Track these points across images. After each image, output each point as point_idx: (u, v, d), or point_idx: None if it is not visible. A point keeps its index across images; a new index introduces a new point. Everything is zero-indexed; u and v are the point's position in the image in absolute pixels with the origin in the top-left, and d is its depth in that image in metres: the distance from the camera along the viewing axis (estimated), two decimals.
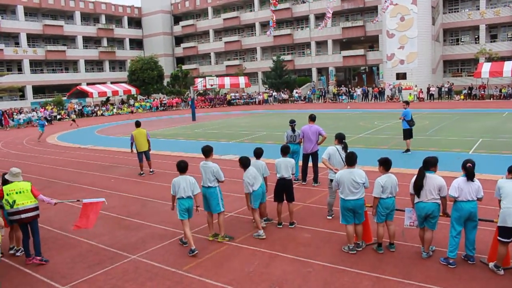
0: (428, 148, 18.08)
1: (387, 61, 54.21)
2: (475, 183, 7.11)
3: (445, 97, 51.18)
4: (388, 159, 7.74)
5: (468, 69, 58.58)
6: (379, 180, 7.60)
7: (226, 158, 17.52)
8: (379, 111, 39.43)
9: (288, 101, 59.30)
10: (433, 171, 7.38)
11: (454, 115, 33.24)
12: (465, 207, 7.11)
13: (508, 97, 47.40)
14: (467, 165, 7.12)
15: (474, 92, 49.58)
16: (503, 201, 6.81)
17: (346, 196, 7.72)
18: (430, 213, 7.32)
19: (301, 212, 10.24)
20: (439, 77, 56.37)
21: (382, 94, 53.81)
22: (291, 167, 9.20)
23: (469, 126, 25.42)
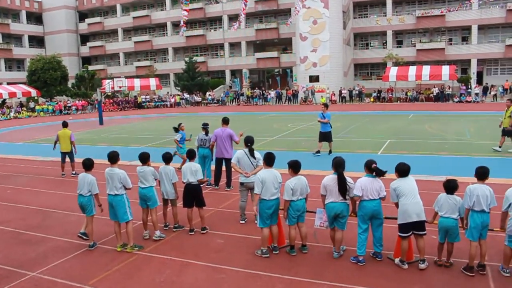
0: (341, 149, 18.97)
1: (300, 64, 56.03)
2: (378, 182, 7.58)
3: (356, 100, 53.96)
4: (296, 162, 8.00)
5: (377, 72, 62.25)
6: (289, 183, 7.82)
7: (135, 164, 17.10)
8: (292, 113, 40.63)
9: (201, 103, 59.17)
10: (341, 172, 7.74)
11: (365, 117, 35.15)
12: (368, 205, 7.53)
13: (413, 100, 51.08)
14: (372, 166, 7.56)
15: (382, 95, 52.79)
16: (400, 199, 7.33)
17: (270, 196, 7.88)
18: (339, 213, 7.67)
19: (214, 218, 10.26)
20: (350, 80, 59.31)
21: (295, 97, 55.51)
22: (196, 172, 9.22)
23: (378, 128, 27.00)
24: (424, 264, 7.33)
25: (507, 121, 17.74)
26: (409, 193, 7.29)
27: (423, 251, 7.38)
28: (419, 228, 7.35)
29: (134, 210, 8.99)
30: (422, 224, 7.36)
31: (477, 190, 7.06)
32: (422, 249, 7.36)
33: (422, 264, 7.33)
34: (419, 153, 17.93)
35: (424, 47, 56.64)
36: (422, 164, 15.55)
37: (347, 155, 16.89)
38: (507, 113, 17.78)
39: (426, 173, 13.76)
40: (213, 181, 13.15)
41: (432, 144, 20.22)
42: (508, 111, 17.76)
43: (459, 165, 15.24)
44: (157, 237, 9.04)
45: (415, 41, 59.44)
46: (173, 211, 9.60)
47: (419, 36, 59.94)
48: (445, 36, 58.76)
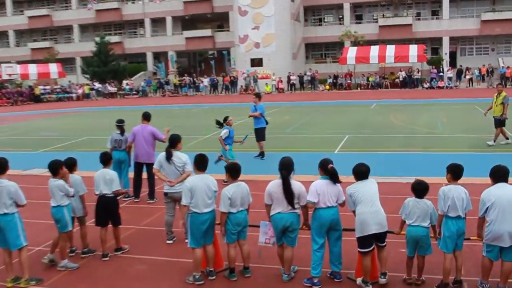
0: (289, 148, 19.20)
1: (239, 44, 56.27)
2: (336, 186, 7.71)
3: (308, 87, 54.95)
4: (235, 165, 7.99)
5: (333, 54, 63.60)
6: (226, 192, 7.81)
7: (31, 173, 16.60)
8: (231, 105, 40.71)
9: (116, 95, 58.21)
10: (285, 175, 7.81)
11: (318, 108, 35.83)
12: (325, 214, 7.65)
13: (376, 86, 52.68)
14: (329, 166, 7.68)
15: (339, 81, 54.08)
16: (357, 207, 7.50)
17: (203, 208, 7.83)
18: (289, 226, 7.74)
19: (134, 238, 10.10)
20: (300, 63, 60.24)
21: (234, 85, 55.75)
22: (111, 181, 9.05)
23: (334, 121, 27.63)
24: (385, 278, 7.54)
25: (498, 109, 18.54)
26: (367, 199, 7.46)
27: (385, 263, 7.60)
28: (379, 240, 7.55)
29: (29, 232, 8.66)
30: (384, 236, 7.56)
31: (451, 192, 7.32)
32: (383, 260, 7.58)
33: (383, 278, 7.53)
34: (383, 150, 18.48)
35: (388, 23, 58.51)
36: (387, 164, 16.01)
37: (297, 154, 17.01)
38: (498, 99, 18.61)
39: (391, 174, 14.17)
40: (131, 192, 12.94)
41: (399, 139, 20.88)
42: (500, 97, 18.59)
43: (430, 163, 15.81)
44: (63, 267, 8.76)
45: (377, 16, 61.32)
46: (81, 232, 9.35)
47: (381, 10, 61.88)
48: (412, 10, 60.97)
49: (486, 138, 19.27)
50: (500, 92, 18.71)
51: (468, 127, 23.59)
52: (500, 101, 18.47)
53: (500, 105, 18.46)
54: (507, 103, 18.53)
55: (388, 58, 50.59)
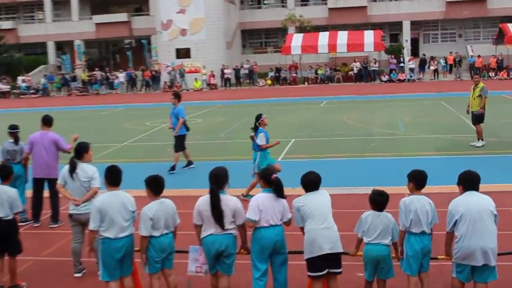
0: (223, 156, 19.23)
1: (162, 32, 55.92)
2: (280, 201, 7.75)
3: (246, 83, 55.19)
4: (157, 178, 7.93)
5: (274, 42, 64.13)
6: (147, 211, 7.69)
7: None
8: (152, 105, 40.45)
9: (9, 94, 56.79)
10: (223, 190, 7.79)
11: (259, 107, 35.85)
12: (268, 235, 7.66)
13: (326, 80, 53.48)
14: (272, 177, 7.71)
15: (283, 75, 54.53)
16: (306, 223, 7.54)
17: (118, 233, 7.73)
18: (223, 250, 7.70)
19: (33, 272, 9.84)
20: (236, 54, 60.39)
21: (156, 81, 55.38)
22: (11, 201, 8.80)
23: (278, 122, 27.71)
24: None
25: (476, 102, 19.11)
26: (318, 214, 7.51)
27: None
28: (333, 264, 7.59)
29: None
30: (338, 259, 7.64)
31: (414, 203, 7.49)
32: None
33: None
34: (336, 156, 18.79)
35: (339, 5, 59.35)
36: (340, 172, 16.27)
37: (233, 164, 17.03)
38: (475, 92, 19.18)
39: (346, 184, 14.41)
40: (30, 215, 12.63)
41: (354, 143, 21.25)
42: (477, 89, 19.15)
43: (390, 170, 16.16)
44: None
45: None
46: None
47: None
48: None
49: (455, 138, 19.92)
50: (477, 83, 19.28)
51: (434, 126, 24.25)
52: (477, 94, 19.06)
53: (477, 98, 19.05)
54: (485, 95, 19.08)
55: (339, 47, 51.41)
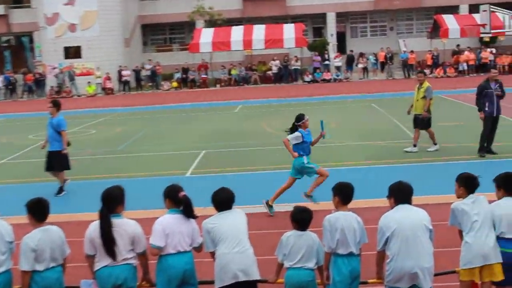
0: (121, 173, 19.09)
1: (46, 27, 54.85)
2: (189, 223, 7.74)
3: (148, 86, 54.80)
4: (41, 202, 7.77)
5: (180, 39, 63.98)
6: (28, 241, 7.52)
7: None
8: (36, 115, 39.42)
9: None
10: (118, 213, 7.72)
11: (163, 114, 35.88)
12: (176, 263, 7.61)
13: (241, 82, 53.65)
14: (179, 195, 7.68)
15: (191, 76, 54.37)
16: (218, 247, 7.52)
17: None
18: (121, 284, 7.58)
19: None
20: (136, 53, 59.85)
21: (41, 85, 54.27)
22: None
23: (186, 132, 27.73)
24: None
25: (420, 104, 19.51)
26: (232, 236, 7.53)
27: None
28: None
29: None
30: (254, 287, 7.66)
31: (340, 221, 7.59)
32: None
33: None
34: (253, 169, 18.94)
35: None
36: (258, 187, 16.41)
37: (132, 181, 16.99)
38: (420, 92, 19.60)
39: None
40: None
41: (273, 153, 21.32)
42: (421, 89, 19.56)
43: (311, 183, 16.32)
44: None
45: None
46: None
47: None
48: None
49: (388, 145, 20.37)
50: (422, 82, 19.68)
51: (364, 132, 24.70)
52: (421, 95, 19.49)
53: (422, 99, 19.47)
54: (430, 97, 19.56)
55: (256, 43, 51.66)
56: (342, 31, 62.47)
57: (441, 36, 52.02)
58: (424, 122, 19.60)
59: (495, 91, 18.45)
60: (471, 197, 7.78)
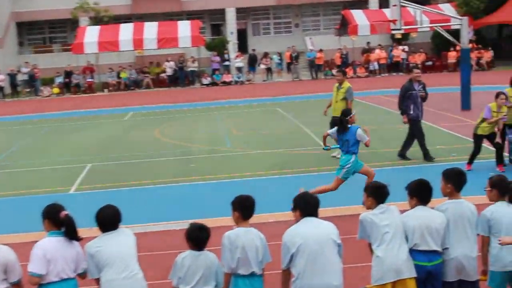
0: None
1: None
2: (73, 246, 7.57)
3: (26, 92, 53.61)
4: None
5: (62, 38, 62.98)
6: None
7: None
8: None
9: None
10: None
11: (43, 123, 35.16)
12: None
13: (132, 86, 53.12)
14: (61, 215, 7.51)
15: (75, 80, 53.55)
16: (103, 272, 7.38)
17: None
18: None
19: None
20: (11, 55, 58.55)
21: None
22: None
23: (69, 144, 27.23)
24: None
25: (339, 106, 19.42)
26: (119, 260, 7.45)
27: None
28: None
29: None
30: None
31: (241, 238, 7.59)
32: None
33: None
34: (144, 183, 18.78)
35: None
36: (150, 203, 16.34)
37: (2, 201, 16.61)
38: (340, 92, 19.82)
39: (157, 219, 14.46)
40: None
41: (168, 164, 21.38)
42: (341, 90, 19.80)
43: (215, 196, 16.36)
44: None
45: None
46: None
47: None
48: None
49: (295, 153, 20.55)
50: (341, 82, 19.96)
51: (269, 139, 24.92)
52: (341, 96, 19.72)
53: (342, 101, 19.67)
54: (351, 98, 19.87)
55: (148, 43, 51.24)
56: (243, 28, 62.77)
57: (350, 33, 52.65)
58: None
59: (419, 93, 18.93)
60: (381, 207, 7.90)
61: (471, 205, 8.17)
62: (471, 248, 8.00)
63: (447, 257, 7.95)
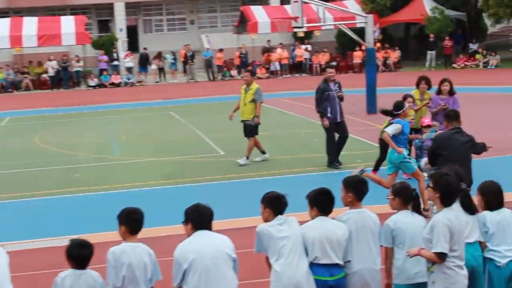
0: None
1: None
2: None
3: None
4: None
5: None
6: None
7: None
8: None
9: None
10: None
11: None
12: None
13: (10, 88, 51.71)
14: None
15: None
16: None
17: None
18: None
19: None
20: None
21: None
22: None
23: None
24: None
25: (248, 110, 19.79)
26: None
27: None
28: None
29: None
30: None
31: (127, 254, 7.55)
32: None
33: None
34: (22, 196, 18.44)
35: None
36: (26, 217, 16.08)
37: None
38: (248, 94, 19.90)
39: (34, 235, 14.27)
40: None
41: (49, 175, 21.13)
42: (249, 92, 19.89)
43: (101, 208, 16.17)
44: None
45: None
46: None
47: None
48: None
49: (191, 160, 20.56)
50: (249, 83, 20.10)
51: (162, 145, 24.91)
52: (250, 98, 19.84)
53: (250, 103, 19.83)
54: (261, 100, 20.02)
55: (27, 40, 50.23)
56: (133, 25, 62.33)
57: (250, 31, 52.74)
58: (253, 129, 19.95)
59: (336, 93, 19.10)
60: (279, 218, 7.96)
61: (373, 214, 8.36)
62: (374, 260, 8.19)
63: (350, 270, 8.09)
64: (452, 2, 55.22)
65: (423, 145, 17.21)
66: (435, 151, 12.41)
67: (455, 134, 12.31)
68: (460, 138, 12.24)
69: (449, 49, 52.81)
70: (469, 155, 12.39)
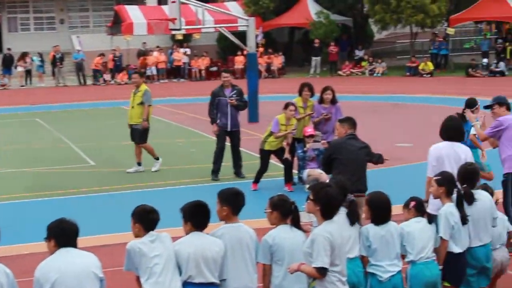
0: None
1: None
2: None
3: None
4: None
5: None
6: None
7: None
8: None
9: None
10: None
11: None
12: None
13: None
14: None
15: None
16: None
17: None
18: None
19: None
20: None
21: None
22: None
23: None
24: None
25: (136, 113, 19.78)
26: None
27: None
28: None
29: None
30: None
31: None
32: None
33: None
34: None
35: None
36: None
37: None
38: (136, 97, 19.86)
39: None
40: None
41: None
42: (138, 94, 19.85)
43: None
44: None
45: None
46: None
47: None
48: None
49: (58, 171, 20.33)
50: (138, 85, 20.07)
51: (25, 155, 24.50)
52: (138, 100, 19.85)
53: (138, 106, 19.84)
54: (150, 103, 20.04)
55: None
56: None
57: (124, 32, 52.23)
58: (142, 134, 19.93)
59: (229, 100, 19.14)
60: (151, 235, 7.92)
61: (250, 229, 8.40)
62: (251, 278, 8.24)
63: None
64: (337, 6, 56.23)
65: (305, 156, 17.36)
66: (331, 156, 12.62)
67: (350, 139, 12.58)
68: (355, 143, 12.50)
69: (334, 55, 53.94)
70: (364, 161, 12.66)
